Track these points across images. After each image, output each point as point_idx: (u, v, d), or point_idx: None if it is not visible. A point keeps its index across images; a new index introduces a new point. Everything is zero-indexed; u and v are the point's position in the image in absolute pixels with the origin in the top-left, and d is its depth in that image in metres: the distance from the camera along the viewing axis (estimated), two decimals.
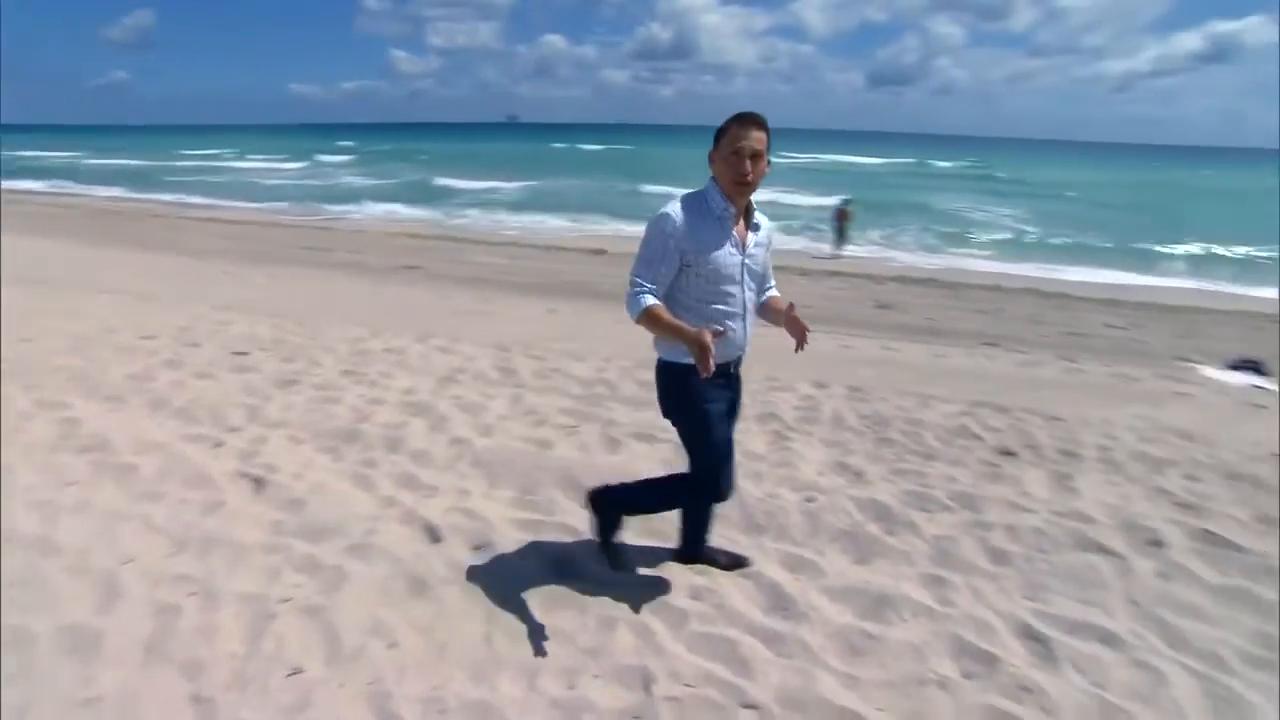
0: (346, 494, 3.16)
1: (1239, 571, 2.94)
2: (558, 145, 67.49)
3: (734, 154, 2.16)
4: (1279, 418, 5.41)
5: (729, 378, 2.38)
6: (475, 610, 2.40)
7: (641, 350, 6.09)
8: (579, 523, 2.97)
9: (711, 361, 2.00)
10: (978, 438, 4.25)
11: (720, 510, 3.08)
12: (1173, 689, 2.21)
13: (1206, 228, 22.06)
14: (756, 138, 2.16)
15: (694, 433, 2.37)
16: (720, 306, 2.27)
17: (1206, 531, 3.24)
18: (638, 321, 2.20)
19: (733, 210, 2.25)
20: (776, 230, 2.48)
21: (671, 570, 2.67)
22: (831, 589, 2.59)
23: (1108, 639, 2.44)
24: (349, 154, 54.17)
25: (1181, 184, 45.21)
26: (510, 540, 2.81)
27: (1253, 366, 7.39)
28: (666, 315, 2.15)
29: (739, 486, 3.28)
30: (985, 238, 20.05)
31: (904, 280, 12.21)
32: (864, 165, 51.45)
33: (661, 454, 3.71)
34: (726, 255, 2.24)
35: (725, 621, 2.36)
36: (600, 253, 14.34)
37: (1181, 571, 2.90)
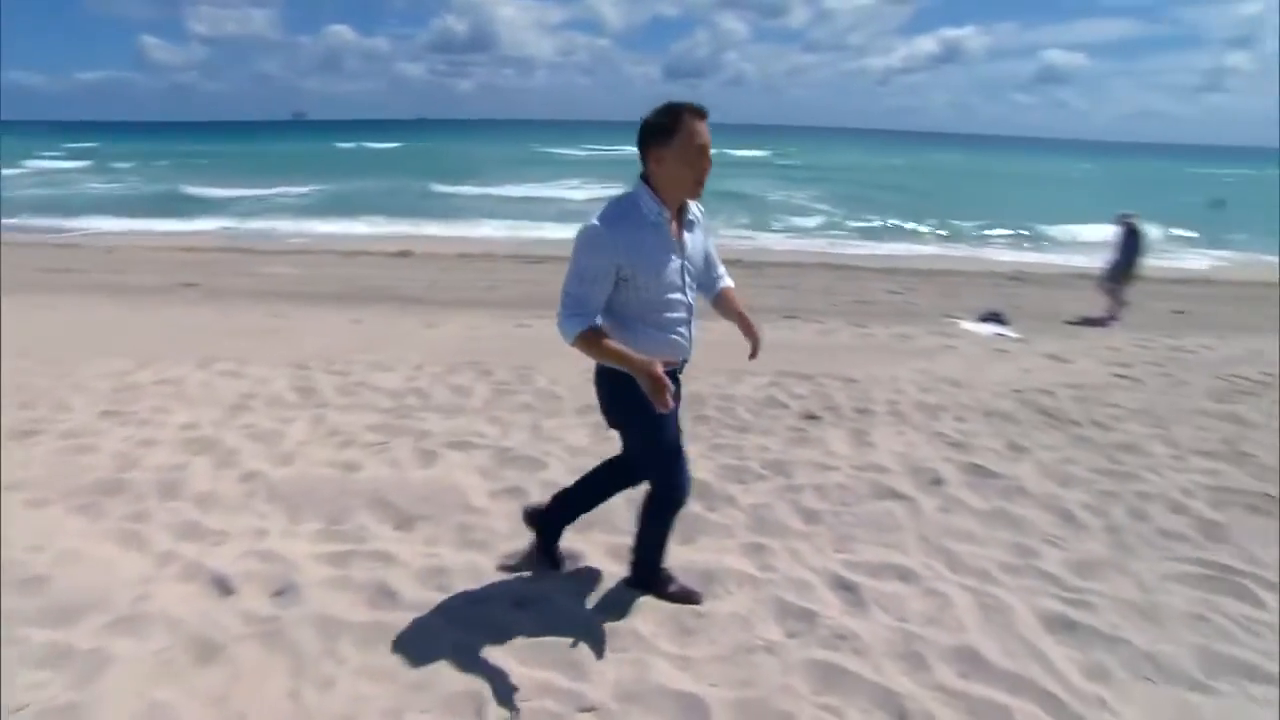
0: (109, 559, 2.69)
1: (997, 495, 3.39)
2: (344, 145, 61.63)
3: (699, 151, 1.98)
4: (1018, 360, 6.35)
5: (675, 381, 2.21)
6: (278, 666, 2.14)
7: (455, 353, 5.89)
8: (395, 546, 2.77)
9: (668, 396, 1.92)
10: (785, 406, 4.54)
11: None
12: (955, 608, 2.49)
13: (954, 204, 25.63)
14: (707, 130, 1.99)
15: (645, 441, 2.25)
16: (666, 315, 2.12)
17: (973, 465, 3.71)
18: (573, 344, 2.03)
19: (668, 214, 2.07)
20: (704, 215, 2.26)
21: (491, 579, 2.56)
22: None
23: (905, 575, 2.69)
24: (86, 158, 45.69)
25: (934, 166, 51.95)
26: (317, 578, 2.55)
27: (996, 318, 8.62)
28: (609, 341, 2.01)
29: (563, 484, 3.25)
30: (784, 219, 21.74)
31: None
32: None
33: (477, 461, 3.58)
34: (667, 262, 2.08)
35: (556, 626, 2.30)
36: (406, 254, 13.64)
37: (957, 503, 3.28)
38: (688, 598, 2.46)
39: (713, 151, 2.02)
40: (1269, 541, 3.10)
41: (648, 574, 2.49)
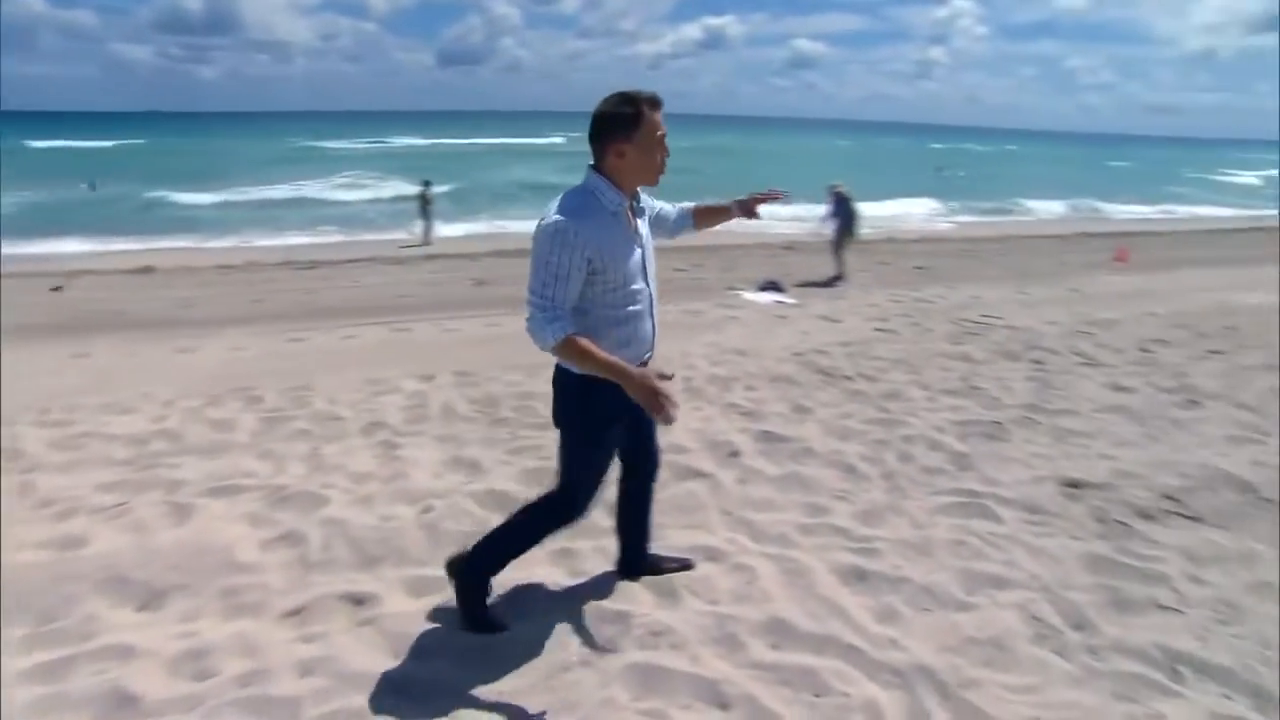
0: None
1: (788, 458, 3.59)
2: (41, 144, 48.86)
3: (660, 141, 1.97)
4: (796, 324, 6.87)
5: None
6: None
7: (215, 381, 5.13)
8: (135, 634, 2.29)
9: (668, 406, 1.85)
10: None
11: (331, 551, 2.69)
12: (761, 579, 2.57)
13: (730, 181, 27.41)
14: (663, 119, 1.97)
15: (581, 449, 2.17)
16: (631, 308, 2.06)
17: (764, 432, 3.90)
18: (553, 351, 1.93)
19: (626, 203, 2.02)
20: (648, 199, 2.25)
21: (268, 649, 2.21)
22: None
23: (712, 554, 2.74)
24: None
25: (709, 147, 55.09)
26: (23, 702, 2.02)
27: (774, 286, 9.29)
28: (597, 349, 1.90)
29: (348, 520, 2.92)
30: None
31: (500, 254, 12.50)
32: (443, 146, 50.20)
33: (244, 507, 3.10)
34: (630, 254, 2.03)
35: (345, 690, 2.02)
36: (147, 271, 11.75)
37: (753, 473, 3.42)
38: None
39: (501, 141, 1.85)
40: (1002, 463, 3.59)
41: (478, 574, 2.30)
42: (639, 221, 2.12)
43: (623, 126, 1.94)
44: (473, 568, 2.29)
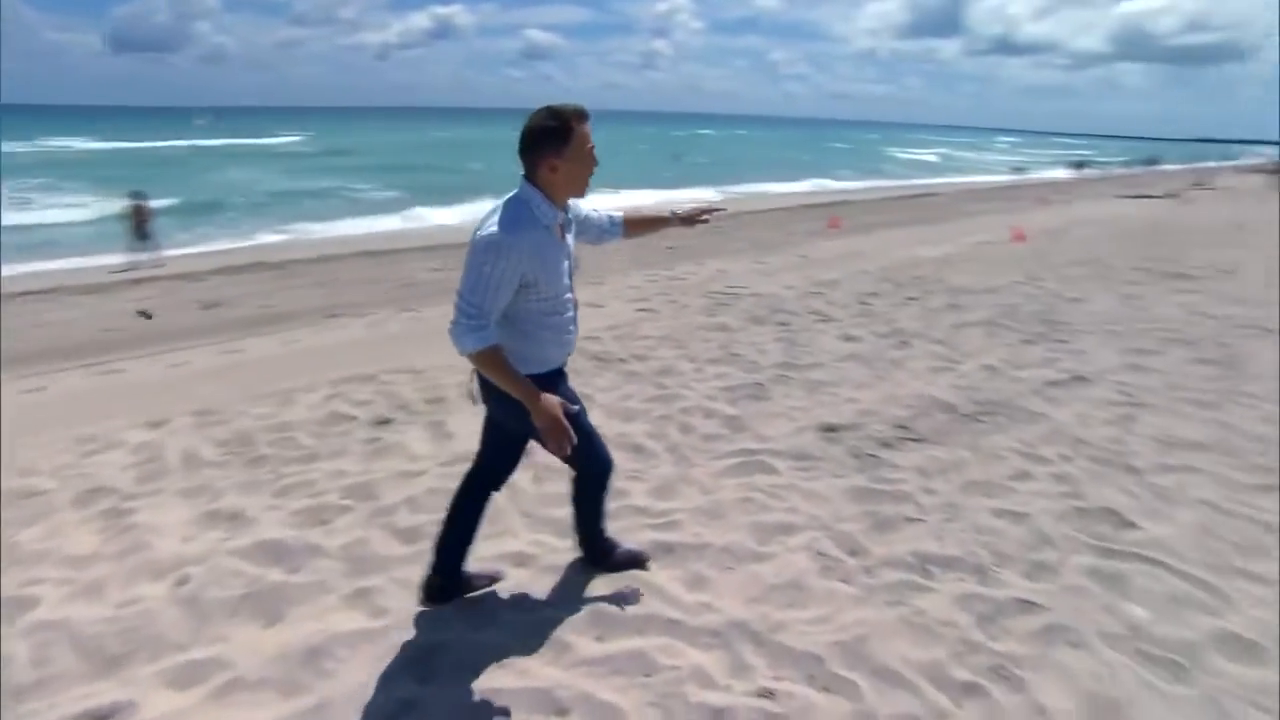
0: None
1: None
2: None
3: (589, 154, 2.03)
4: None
5: (561, 375, 2.26)
6: None
7: None
8: None
9: (566, 442, 2.02)
10: (352, 417, 4.10)
11: (50, 666, 2.17)
12: (574, 576, 2.56)
13: (477, 175, 26.82)
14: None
15: (511, 425, 2.24)
16: (560, 316, 2.15)
17: None
18: (470, 358, 1.99)
19: (560, 217, 2.08)
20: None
21: None
22: (246, 680, 2.09)
23: (520, 560, 2.67)
24: None
25: (448, 142, 53.35)
26: None
27: None
28: (510, 367, 1.99)
29: (69, 619, 2.37)
30: (307, 209, 19.67)
31: (228, 270, 10.97)
32: (140, 150, 41.93)
33: None
34: (560, 265, 2.10)
35: None
36: None
37: (546, 470, 3.36)
38: (637, 561, 2.61)
39: (216, 143, 1.54)
40: (769, 420, 3.96)
41: (599, 547, 2.58)
42: (566, 233, 2.17)
43: (553, 141, 1.98)
44: (580, 529, 2.56)
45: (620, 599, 2.41)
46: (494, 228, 1.95)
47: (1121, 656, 2.23)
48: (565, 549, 2.71)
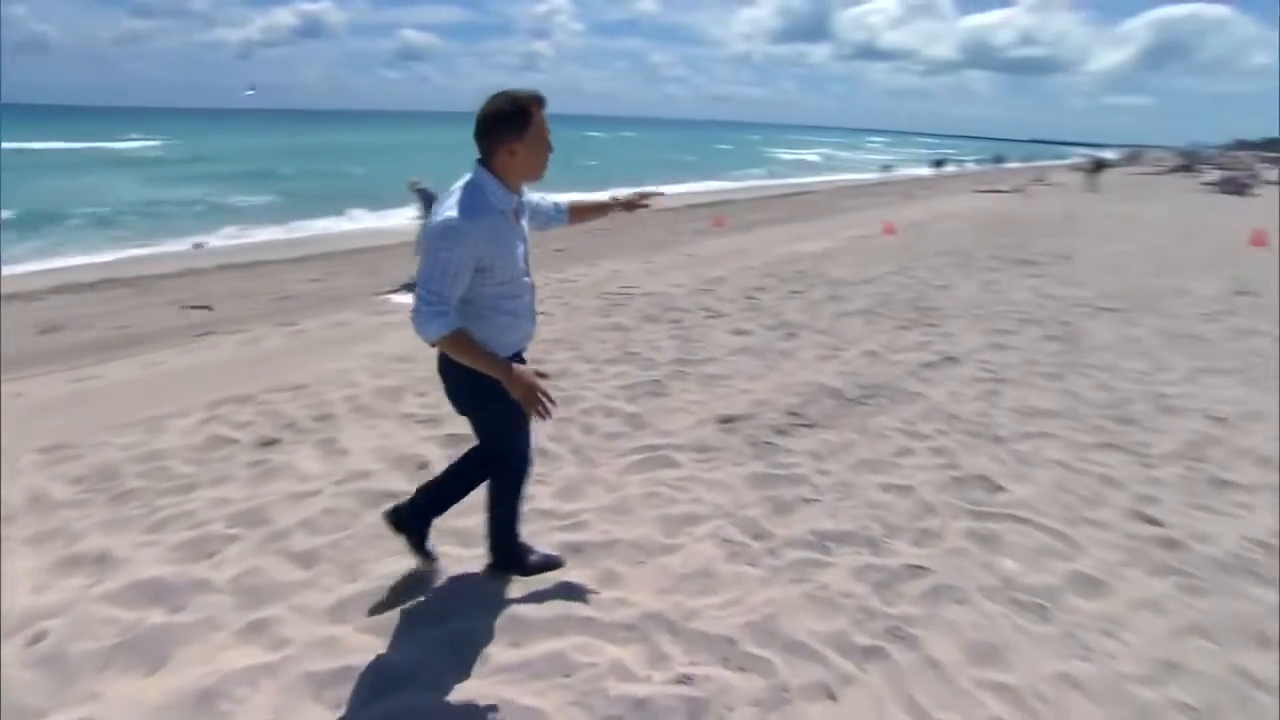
0: None
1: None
2: None
3: (547, 138, 2.06)
4: None
5: (521, 361, 2.25)
6: None
7: None
8: None
9: (543, 400, 2.03)
10: (234, 440, 3.84)
11: None
12: (486, 586, 2.51)
13: (354, 180, 25.58)
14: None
15: (494, 422, 2.28)
16: (517, 300, 2.18)
17: (450, 436, 3.78)
18: (437, 344, 2.01)
19: (515, 202, 2.11)
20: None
21: None
22: None
23: (425, 575, 2.59)
24: None
25: (322, 145, 50.64)
26: None
27: None
28: (476, 346, 2.02)
29: None
30: (168, 222, 18.01)
31: (72, 289, 9.92)
32: None
33: None
34: (515, 249, 2.13)
35: None
36: None
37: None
38: (551, 564, 2.57)
39: (48, 146, 1.40)
40: (668, 415, 4.04)
41: (509, 553, 2.53)
42: (521, 218, 2.20)
43: (512, 126, 1.99)
44: (494, 535, 2.52)
45: (533, 602, 2.39)
46: (450, 213, 1.95)
47: (998, 606, 2.45)
48: (471, 558, 2.66)
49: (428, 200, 9.87)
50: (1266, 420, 4.37)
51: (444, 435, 3.76)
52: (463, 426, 3.85)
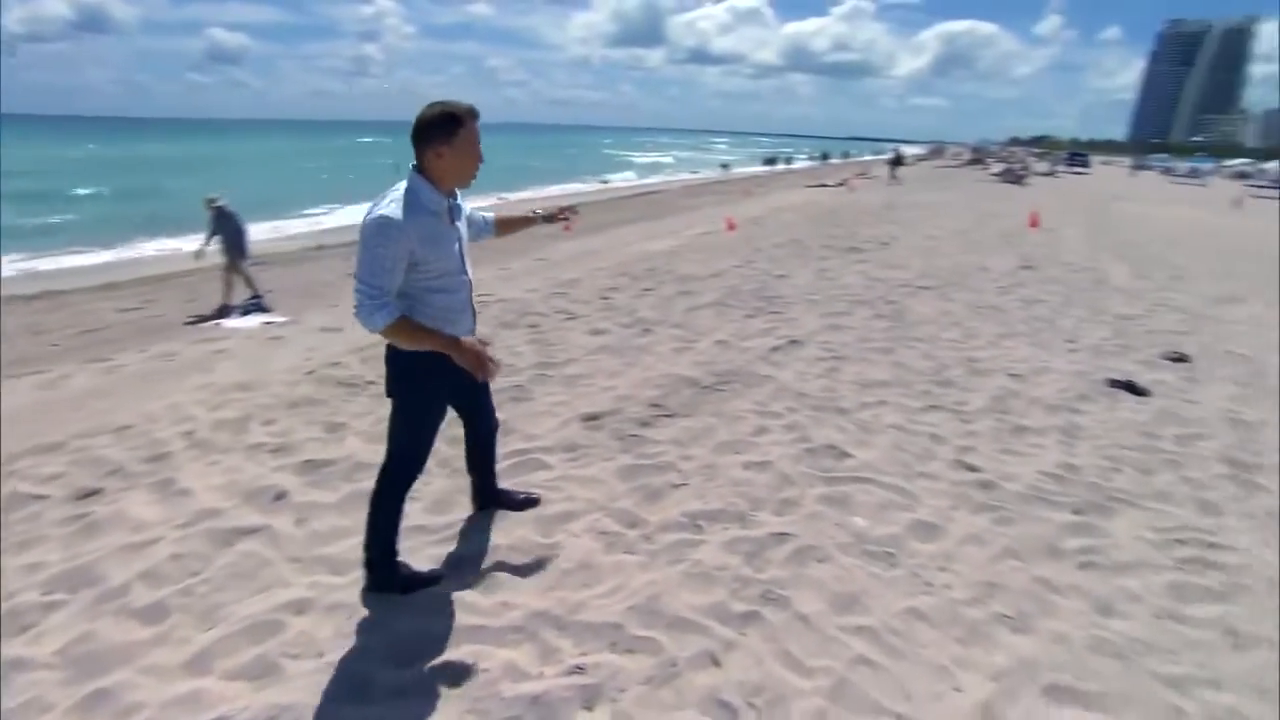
0: None
1: (340, 479, 3.39)
2: None
3: (476, 149, 2.21)
4: (298, 342, 6.35)
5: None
6: None
7: None
8: None
9: (489, 363, 2.22)
10: (43, 496, 3.39)
11: None
12: (362, 608, 2.42)
13: (158, 197, 23.00)
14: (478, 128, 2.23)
15: (409, 415, 2.41)
16: (452, 296, 2.29)
17: (305, 462, 3.58)
18: (383, 333, 2.14)
19: (446, 203, 2.23)
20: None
21: None
22: None
23: (299, 607, 2.44)
24: None
25: (120, 157, 45.12)
26: None
27: (258, 307, 8.37)
28: (420, 326, 2.17)
29: None
30: None
31: None
32: None
33: None
34: (449, 247, 2.26)
35: None
36: None
37: (311, 508, 3.13)
38: (429, 580, 2.56)
39: None
40: (535, 419, 4.05)
41: (385, 567, 2.50)
42: (457, 220, 2.33)
43: (442, 131, 2.14)
44: (371, 548, 2.49)
45: (415, 619, 2.34)
46: (380, 211, 2.10)
47: (853, 559, 2.71)
48: (346, 584, 2.55)
49: (224, 221, 9.03)
50: (1052, 373, 5.10)
51: (300, 462, 3.55)
52: (321, 451, 3.68)
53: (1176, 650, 2.34)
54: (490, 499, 3.04)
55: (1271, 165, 59.02)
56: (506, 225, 2.84)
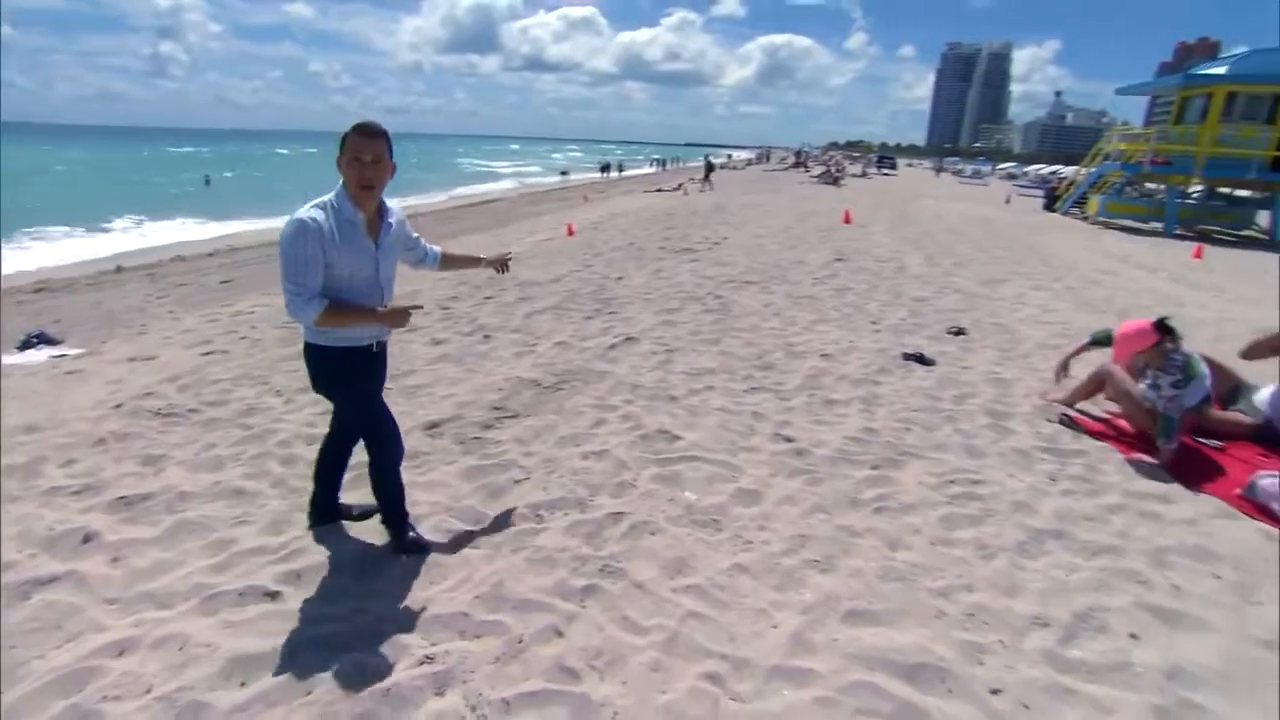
0: None
1: (163, 512, 3.19)
2: None
3: (355, 160, 2.36)
4: (98, 375, 5.77)
5: (372, 356, 2.63)
6: None
7: None
8: None
9: (404, 316, 2.49)
10: None
11: None
12: (195, 637, 2.34)
13: None
14: (375, 145, 2.38)
15: (349, 403, 2.71)
16: (368, 299, 2.49)
17: (119, 499, 3.33)
18: (316, 324, 2.37)
19: (361, 215, 2.43)
20: (403, 216, 2.73)
21: None
22: None
23: (122, 647, 2.32)
24: None
25: None
26: None
27: (43, 339, 7.45)
28: (346, 309, 2.40)
29: None
30: None
31: None
32: None
33: None
34: (361, 255, 2.44)
35: None
36: None
37: (127, 545, 2.93)
38: (420, 547, 2.82)
39: None
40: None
41: (401, 525, 2.85)
42: (383, 234, 2.52)
43: (340, 148, 2.39)
44: (391, 523, 2.86)
45: (257, 637, 2.29)
46: (296, 215, 2.32)
47: (683, 529, 2.97)
48: (175, 616, 2.44)
49: None
50: (858, 351, 5.75)
51: (112, 500, 3.29)
52: (137, 486, 3.43)
53: (943, 567, 2.81)
54: (331, 513, 3.05)
55: (1032, 169, 69.24)
56: (449, 261, 3.09)
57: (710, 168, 32.50)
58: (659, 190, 28.21)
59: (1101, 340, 4.43)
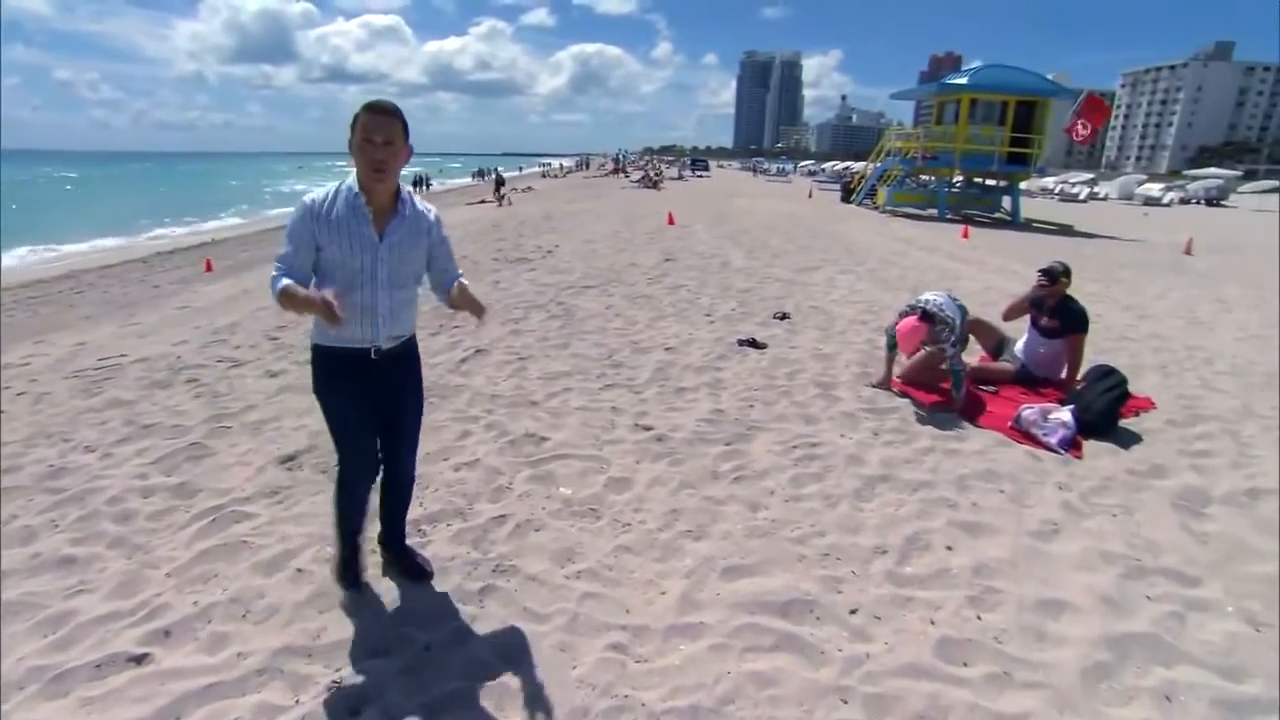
0: None
1: None
2: None
3: (366, 142, 2.17)
4: None
5: (369, 365, 2.38)
6: None
7: None
8: None
9: (339, 312, 2.07)
10: None
11: None
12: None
13: None
14: (387, 125, 2.17)
15: (324, 410, 2.49)
16: (349, 295, 2.25)
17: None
18: (278, 303, 2.18)
19: (364, 199, 2.25)
20: (439, 219, 2.46)
21: None
22: None
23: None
24: None
25: None
26: None
27: None
28: (292, 291, 2.13)
29: None
30: None
31: None
32: None
33: None
34: (357, 245, 2.25)
35: None
36: None
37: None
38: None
39: None
40: (224, 472, 3.76)
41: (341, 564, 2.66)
42: (393, 228, 2.29)
43: (351, 127, 2.19)
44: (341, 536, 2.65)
45: (141, 703, 2.14)
46: (309, 193, 2.26)
47: (565, 521, 3.14)
48: (11, 709, 2.21)
49: None
50: (697, 342, 6.19)
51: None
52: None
53: (798, 519, 3.21)
54: (403, 559, 2.79)
55: (828, 165, 76.58)
56: (452, 299, 2.43)
57: (501, 181, 28.94)
58: (482, 202, 27.83)
59: (892, 345, 5.11)
